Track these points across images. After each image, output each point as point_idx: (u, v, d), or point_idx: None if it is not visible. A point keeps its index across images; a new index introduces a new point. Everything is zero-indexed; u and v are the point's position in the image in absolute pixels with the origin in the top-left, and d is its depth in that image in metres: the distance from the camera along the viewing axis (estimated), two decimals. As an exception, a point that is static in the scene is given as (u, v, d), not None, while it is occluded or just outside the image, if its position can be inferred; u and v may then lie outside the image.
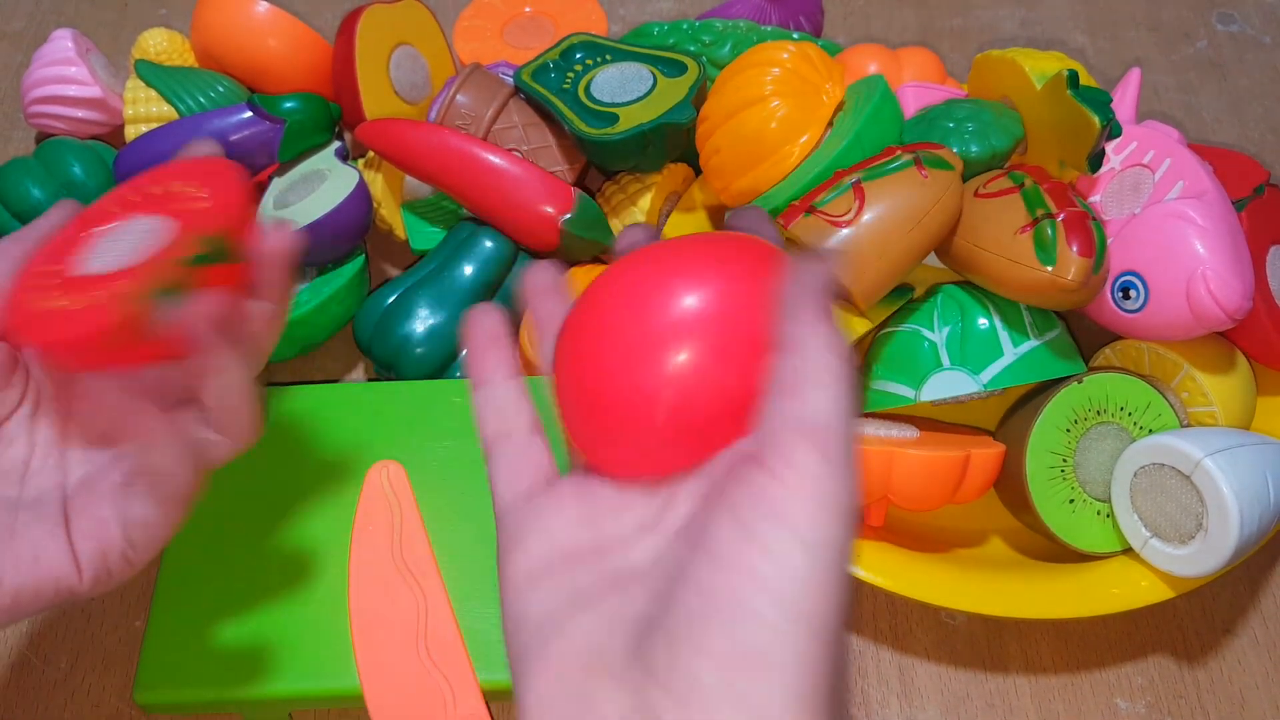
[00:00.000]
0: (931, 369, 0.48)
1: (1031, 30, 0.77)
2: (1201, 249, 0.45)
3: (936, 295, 0.50)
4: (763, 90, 0.50)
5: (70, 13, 0.78)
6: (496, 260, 0.54)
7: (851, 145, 0.48)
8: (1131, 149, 0.50)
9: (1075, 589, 0.46)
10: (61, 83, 0.63)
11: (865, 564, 0.46)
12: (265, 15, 0.60)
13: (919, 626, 0.50)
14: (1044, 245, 0.44)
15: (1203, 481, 0.43)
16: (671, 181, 0.58)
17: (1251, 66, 0.75)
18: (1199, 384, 0.48)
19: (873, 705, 0.48)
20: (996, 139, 0.50)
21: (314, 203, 0.54)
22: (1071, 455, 0.47)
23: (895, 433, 0.48)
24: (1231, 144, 0.70)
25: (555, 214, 0.53)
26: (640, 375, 0.27)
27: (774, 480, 0.24)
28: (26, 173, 0.55)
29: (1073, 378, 0.48)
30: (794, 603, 0.23)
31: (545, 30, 0.70)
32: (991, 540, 0.51)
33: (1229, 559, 0.42)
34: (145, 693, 0.42)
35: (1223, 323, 0.44)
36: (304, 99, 0.56)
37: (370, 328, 0.53)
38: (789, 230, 0.47)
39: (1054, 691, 0.48)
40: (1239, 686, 0.48)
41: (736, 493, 0.24)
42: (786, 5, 0.65)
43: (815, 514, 0.23)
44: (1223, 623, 0.50)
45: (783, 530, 0.23)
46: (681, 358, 0.26)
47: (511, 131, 0.57)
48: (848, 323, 0.47)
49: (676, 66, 0.56)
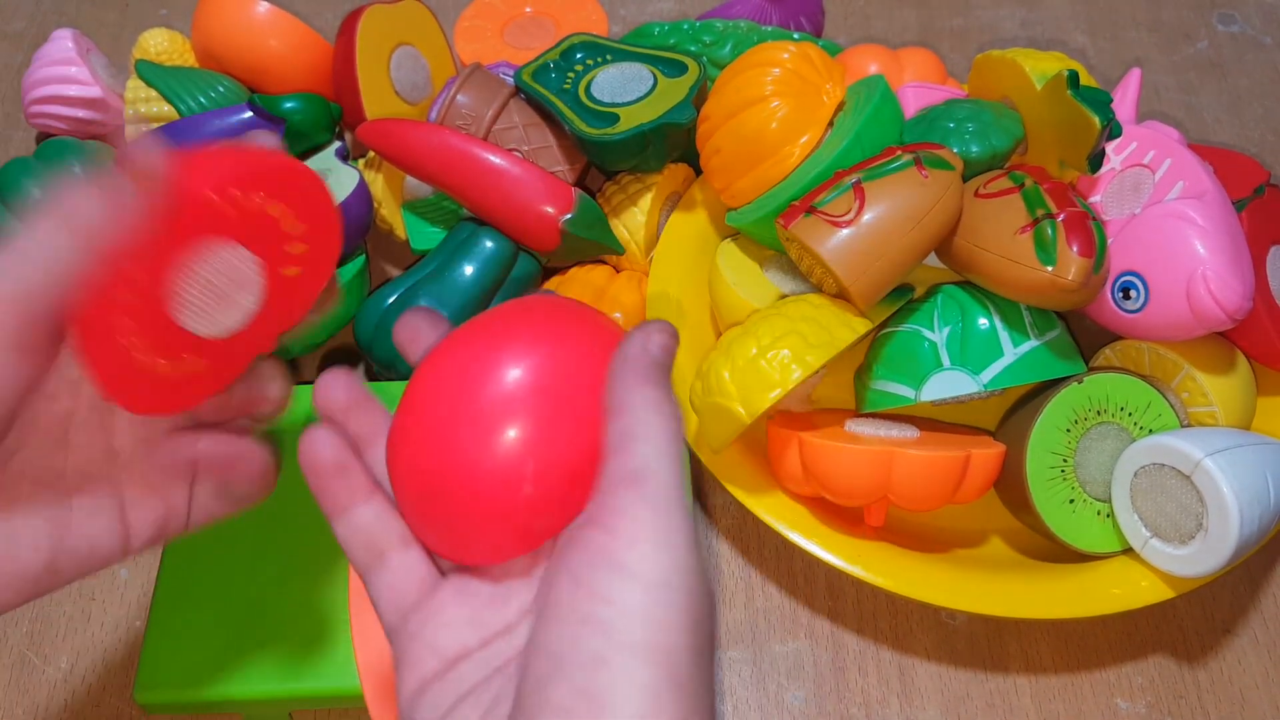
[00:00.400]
0: (932, 369, 0.48)
1: (1032, 30, 0.77)
2: (1202, 249, 0.45)
3: (937, 295, 0.50)
4: (763, 90, 0.50)
5: (71, 13, 0.78)
6: (497, 260, 0.54)
7: (852, 145, 0.48)
8: (1132, 149, 0.50)
9: (1075, 589, 0.46)
10: (62, 83, 0.63)
11: (866, 564, 0.46)
12: (266, 15, 0.60)
13: (919, 626, 0.50)
14: (1044, 245, 0.44)
15: (1203, 481, 0.43)
16: (672, 182, 0.58)
17: (1252, 67, 0.75)
18: (1199, 384, 0.48)
19: (873, 705, 0.48)
20: (997, 139, 0.50)
21: (314, 203, 0.54)
22: (1072, 455, 0.47)
23: (895, 433, 0.48)
24: (1232, 144, 0.70)
25: (556, 214, 0.53)
26: (489, 457, 0.26)
27: (605, 533, 0.24)
28: (27, 172, 0.55)
29: (1073, 378, 0.48)
30: (637, 641, 0.23)
31: (546, 30, 0.70)
32: (992, 540, 0.51)
33: (1229, 559, 0.42)
34: (145, 692, 0.42)
35: (1223, 323, 0.44)
36: (304, 99, 0.56)
37: (371, 328, 0.53)
38: (789, 230, 0.47)
39: (1054, 691, 0.48)
40: (1239, 686, 0.48)
41: (573, 554, 0.25)
42: (787, 5, 0.65)
43: (651, 554, 0.24)
44: (1223, 622, 0.50)
45: (617, 576, 0.24)
46: (520, 432, 0.26)
47: (512, 132, 0.57)
48: (849, 322, 0.47)
49: (677, 67, 0.56)
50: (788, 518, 0.47)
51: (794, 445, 0.46)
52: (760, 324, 0.47)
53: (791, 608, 0.50)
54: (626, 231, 0.56)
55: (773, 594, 0.51)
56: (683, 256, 0.56)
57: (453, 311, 0.53)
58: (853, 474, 0.45)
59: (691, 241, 0.57)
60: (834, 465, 0.45)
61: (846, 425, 0.49)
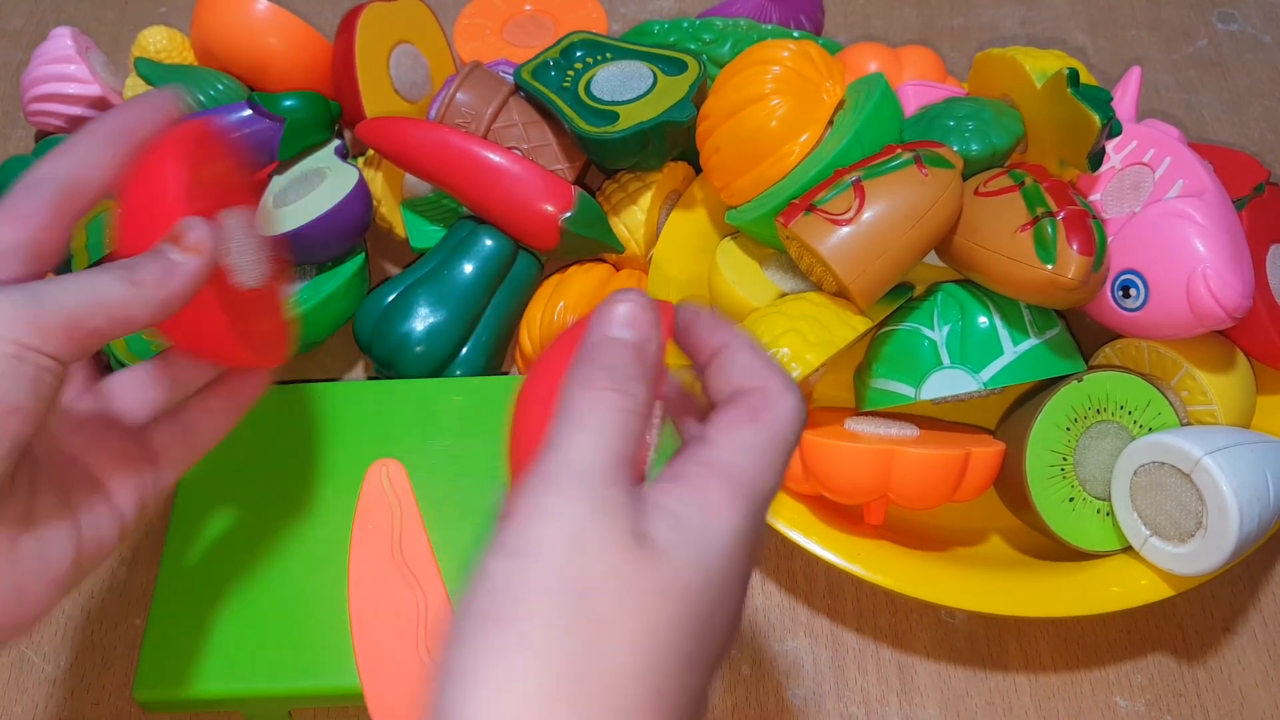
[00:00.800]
0: (931, 367, 0.48)
1: (1032, 29, 0.77)
2: (1201, 247, 0.45)
3: (936, 294, 0.50)
4: (763, 89, 0.50)
5: (70, 10, 0.78)
6: (496, 259, 0.54)
7: (852, 143, 0.48)
8: (1132, 147, 0.50)
9: (1075, 587, 0.46)
10: (61, 80, 0.63)
11: (865, 562, 0.46)
12: (265, 13, 0.60)
13: (919, 625, 0.50)
14: (1044, 243, 0.44)
15: (1202, 480, 0.43)
16: (672, 180, 0.58)
17: (1252, 65, 0.75)
18: (1199, 382, 0.48)
19: (872, 703, 0.48)
20: (997, 137, 0.50)
21: (314, 201, 0.54)
22: (1071, 454, 0.47)
23: (895, 431, 0.48)
24: (1231, 143, 0.70)
25: (555, 212, 0.53)
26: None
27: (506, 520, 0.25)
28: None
29: (1073, 376, 0.48)
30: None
31: (545, 28, 0.70)
32: (991, 539, 0.51)
33: (1229, 557, 0.42)
34: (145, 690, 0.42)
35: (1222, 321, 0.44)
36: (304, 97, 0.56)
37: (370, 326, 0.53)
38: (789, 229, 0.47)
39: (1054, 690, 0.48)
40: (1239, 684, 0.48)
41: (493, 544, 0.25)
42: (787, 4, 0.65)
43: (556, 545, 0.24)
44: (1222, 621, 0.50)
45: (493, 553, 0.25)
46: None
47: (511, 130, 0.57)
48: (848, 320, 0.47)
49: (677, 65, 0.56)
50: (787, 516, 0.47)
51: (794, 443, 0.46)
52: (760, 322, 0.47)
53: (791, 606, 0.50)
54: (626, 230, 0.56)
55: (772, 592, 0.51)
56: (682, 255, 0.56)
57: (452, 310, 0.53)
58: (852, 472, 0.45)
59: (691, 240, 0.57)
60: (834, 464, 0.45)
61: (846, 424, 0.49)
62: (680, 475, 0.27)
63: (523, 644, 0.23)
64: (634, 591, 0.24)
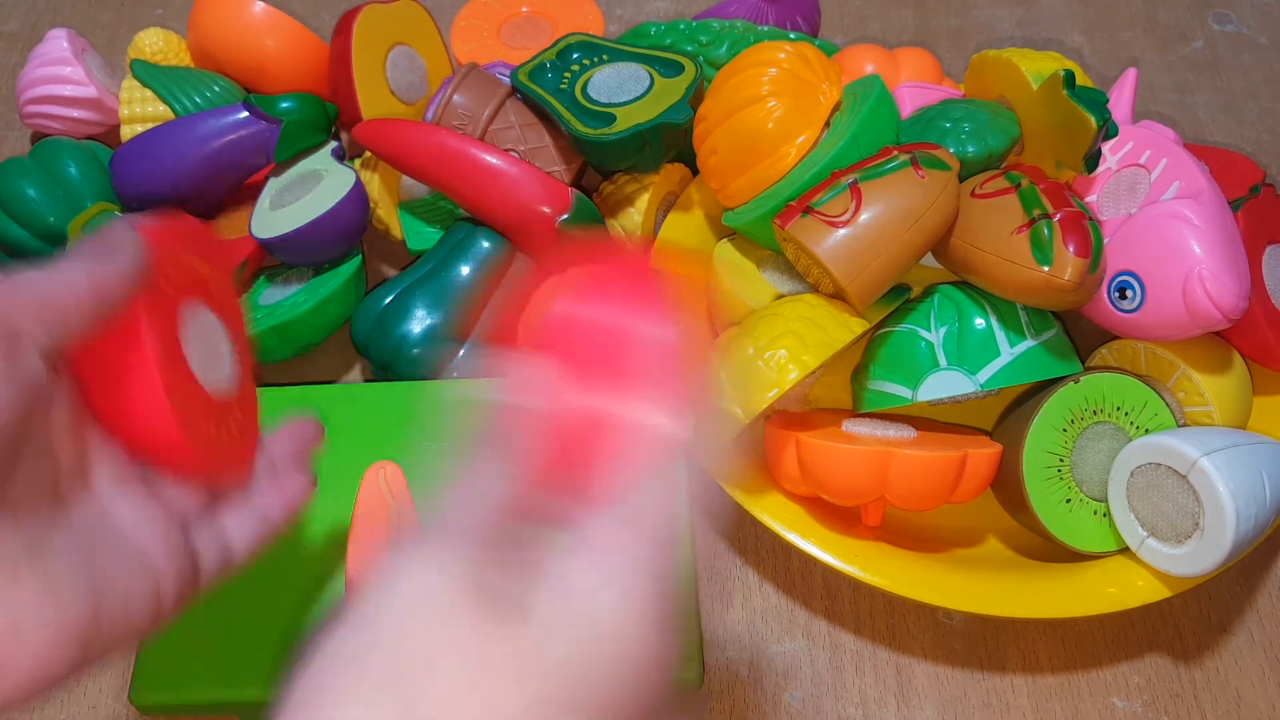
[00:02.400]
0: (928, 369, 0.48)
1: (1028, 30, 0.77)
2: (1197, 249, 0.45)
3: (933, 295, 0.50)
4: (760, 90, 0.50)
5: (66, 12, 0.78)
6: (493, 260, 0.54)
7: (848, 145, 0.48)
8: (1128, 149, 0.50)
9: (1072, 588, 0.46)
10: (57, 82, 0.63)
11: (863, 564, 0.46)
12: (262, 15, 0.60)
13: (916, 626, 0.50)
14: (1040, 245, 0.44)
15: (1199, 481, 0.43)
16: (669, 181, 0.58)
17: (1247, 66, 0.75)
18: (1195, 384, 0.48)
19: (870, 704, 0.48)
20: (993, 139, 0.50)
21: (310, 203, 0.54)
22: (1068, 455, 0.47)
23: (892, 433, 0.48)
24: (1227, 144, 0.70)
25: (552, 214, 0.52)
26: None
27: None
28: (22, 173, 0.55)
29: (1069, 378, 0.48)
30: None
31: (542, 30, 0.70)
32: (989, 540, 0.51)
33: (1225, 558, 0.42)
34: (142, 693, 0.42)
35: (1219, 322, 0.44)
36: (300, 99, 0.56)
37: (367, 328, 0.53)
38: (786, 231, 0.47)
39: (1051, 690, 0.48)
40: (1235, 685, 0.48)
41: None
42: (783, 5, 0.65)
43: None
44: (1219, 621, 0.50)
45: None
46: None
47: (508, 132, 0.57)
48: (845, 322, 0.47)
49: (673, 66, 0.56)
50: (785, 518, 0.47)
51: (791, 445, 0.46)
52: (757, 324, 0.47)
53: (789, 608, 0.50)
54: (623, 231, 0.56)
55: (770, 594, 0.51)
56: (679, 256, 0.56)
57: (448, 311, 0.53)
58: (850, 474, 0.45)
59: (688, 241, 0.57)
60: (831, 465, 0.45)
61: (844, 425, 0.49)
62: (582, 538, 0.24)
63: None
64: (479, 665, 0.21)
